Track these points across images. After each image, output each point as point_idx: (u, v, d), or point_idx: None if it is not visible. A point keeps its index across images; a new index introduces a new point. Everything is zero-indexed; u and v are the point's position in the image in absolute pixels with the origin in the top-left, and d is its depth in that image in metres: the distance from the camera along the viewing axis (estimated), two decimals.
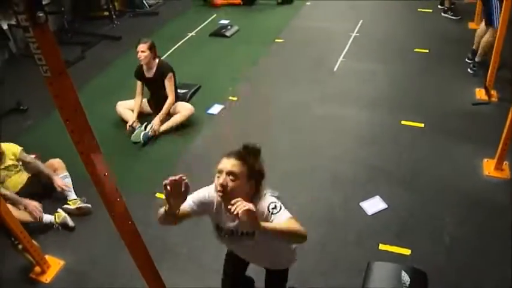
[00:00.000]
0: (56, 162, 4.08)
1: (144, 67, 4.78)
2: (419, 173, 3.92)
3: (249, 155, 2.03)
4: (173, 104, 4.85)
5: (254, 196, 2.05)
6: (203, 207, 2.16)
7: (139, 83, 4.89)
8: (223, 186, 1.95)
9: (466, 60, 5.41)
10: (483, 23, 5.10)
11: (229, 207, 1.74)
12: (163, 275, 2.44)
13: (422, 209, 3.58)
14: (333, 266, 3.21)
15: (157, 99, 4.94)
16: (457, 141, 4.22)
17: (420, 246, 3.26)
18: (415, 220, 3.48)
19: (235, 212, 1.70)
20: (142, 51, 4.62)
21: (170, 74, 4.77)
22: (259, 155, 2.09)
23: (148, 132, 4.69)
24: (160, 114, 4.79)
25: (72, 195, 3.93)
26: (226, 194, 1.95)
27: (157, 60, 4.80)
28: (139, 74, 4.87)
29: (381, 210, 3.59)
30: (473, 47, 5.31)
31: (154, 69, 4.78)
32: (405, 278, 2.95)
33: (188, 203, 2.09)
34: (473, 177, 3.82)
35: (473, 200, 3.59)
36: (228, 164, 1.98)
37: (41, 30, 1.45)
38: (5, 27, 6.72)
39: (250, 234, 2.10)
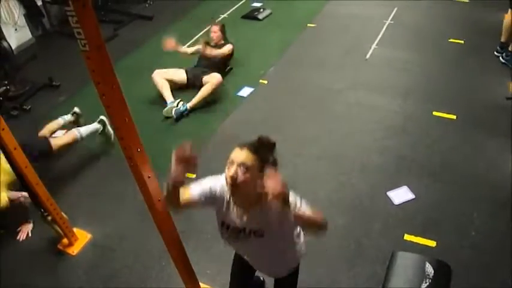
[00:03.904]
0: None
1: (212, 44, 5.36)
2: (448, 166, 3.86)
3: (263, 148, 1.93)
4: (229, 51, 5.31)
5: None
6: (212, 201, 2.07)
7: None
8: (234, 179, 1.85)
9: (495, 53, 5.23)
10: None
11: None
12: (188, 253, 2.47)
13: (450, 202, 3.52)
14: (357, 253, 3.20)
15: (206, 63, 5.18)
16: (489, 135, 4.13)
17: (446, 240, 3.22)
18: (442, 213, 3.43)
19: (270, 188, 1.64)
20: (214, 32, 5.39)
21: (231, 46, 5.34)
22: (274, 149, 1.98)
23: (180, 108, 4.75)
24: (214, 50, 5.17)
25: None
26: (237, 187, 1.87)
27: (223, 41, 5.41)
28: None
29: (408, 201, 3.55)
30: (502, 40, 5.13)
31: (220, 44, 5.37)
32: (429, 269, 2.92)
33: (197, 193, 2.03)
34: (504, 174, 3.73)
35: (503, 197, 3.50)
36: (241, 155, 1.88)
37: (81, 3, 1.46)
38: (39, 3, 6.81)
39: (258, 233, 2.02)
